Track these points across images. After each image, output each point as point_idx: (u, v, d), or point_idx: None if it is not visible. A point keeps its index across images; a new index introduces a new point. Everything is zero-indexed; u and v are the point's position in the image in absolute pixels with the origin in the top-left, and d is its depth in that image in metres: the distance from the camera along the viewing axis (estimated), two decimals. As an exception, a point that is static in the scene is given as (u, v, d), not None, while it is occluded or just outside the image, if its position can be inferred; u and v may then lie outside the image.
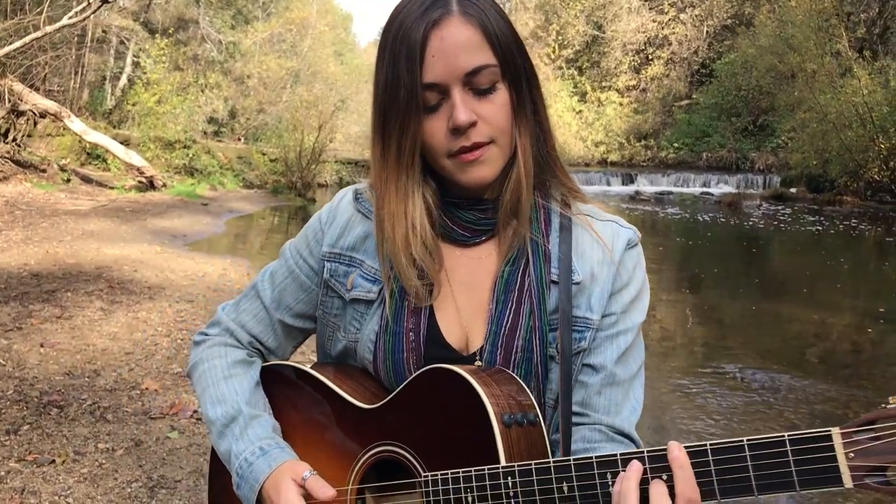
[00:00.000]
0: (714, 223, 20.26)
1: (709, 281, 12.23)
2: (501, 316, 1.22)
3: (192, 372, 1.41)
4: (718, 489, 0.94)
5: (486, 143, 1.16)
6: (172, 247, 11.59)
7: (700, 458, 0.96)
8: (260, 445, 1.24)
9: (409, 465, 1.17)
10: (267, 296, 1.40)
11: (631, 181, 31.05)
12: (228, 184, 22.95)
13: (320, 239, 1.35)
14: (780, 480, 0.91)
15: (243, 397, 1.31)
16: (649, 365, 5.33)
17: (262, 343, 1.42)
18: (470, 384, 1.11)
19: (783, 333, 8.67)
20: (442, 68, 1.12)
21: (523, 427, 1.11)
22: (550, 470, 1.04)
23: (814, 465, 0.89)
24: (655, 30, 39.27)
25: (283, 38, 39.28)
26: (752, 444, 0.93)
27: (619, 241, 1.30)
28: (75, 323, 6.42)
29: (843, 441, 0.88)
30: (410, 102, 1.14)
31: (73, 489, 3.69)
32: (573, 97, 41.54)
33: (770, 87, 31.05)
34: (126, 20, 31.65)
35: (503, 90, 1.17)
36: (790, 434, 0.91)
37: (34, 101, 17.62)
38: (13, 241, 10.31)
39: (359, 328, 1.30)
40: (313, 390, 1.32)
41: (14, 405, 4.64)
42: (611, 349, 1.26)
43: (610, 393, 1.26)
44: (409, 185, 1.20)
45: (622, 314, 1.28)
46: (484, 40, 1.14)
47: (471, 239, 1.27)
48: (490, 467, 1.08)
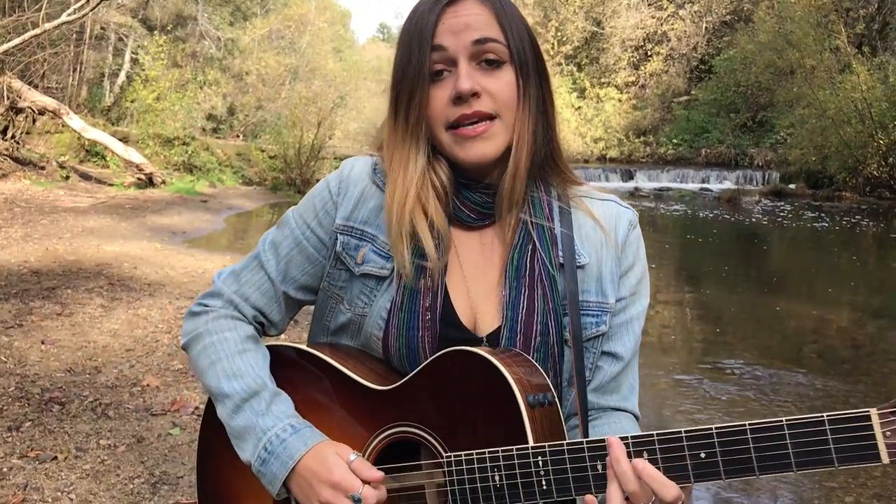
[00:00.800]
0: (713, 219, 20.26)
1: (708, 277, 12.24)
2: (517, 302, 1.24)
3: (191, 343, 1.35)
4: (757, 466, 1.00)
5: (488, 118, 1.19)
6: (172, 244, 11.60)
7: (741, 435, 1.00)
8: (290, 423, 1.23)
9: (430, 445, 1.17)
10: (272, 267, 1.36)
11: (630, 177, 31.02)
12: (227, 181, 22.93)
13: (331, 210, 1.34)
14: (819, 458, 0.97)
15: (264, 372, 1.29)
16: (649, 361, 5.38)
17: (266, 316, 1.39)
18: (495, 366, 1.12)
19: (782, 329, 8.69)
20: (451, 37, 1.18)
21: (545, 408, 1.13)
22: (584, 449, 1.07)
23: (852, 442, 0.96)
24: (654, 26, 39.24)
25: (281, 34, 39.24)
26: (791, 423, 0.98)
27: (621, 221, 1.33)
28: (76, 320, 6.44)
29: (881, 420, 0.95)
30: (418, 71, 1.18)
31: (76, 485, 3.70)
32: (572, 93, 41.50)
33: (769, 83, 31.02)
34: (124, 17, 31.61)
35: (510, 71, 1.21)
36: (829, 414, 0.97)
37: (33, 98, 17.60)
38: (13, 239, 10.32)
39: (367, 303, 1.29)
40: (318, 371, 1.30)
41: (15, 402, 4.65)
42: (628, 337, 1.31)
43: (619, 377, 1.31)
44: (411, 153, 1.22)
45: (631, 297, 1.31)
46: (494, 21, 1.21)
47: (476, 221, 1.29)
48: (519, 448, 1.09)
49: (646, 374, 6.64)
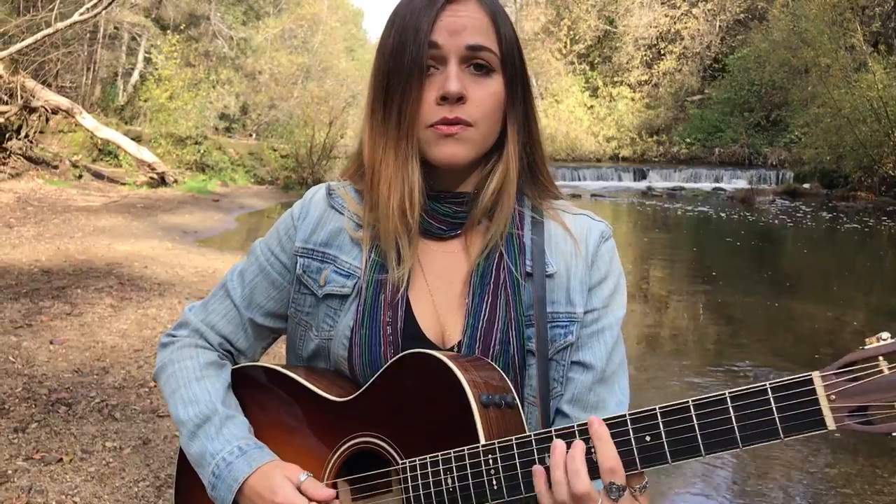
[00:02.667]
0: (726, 219, 20.13)
1: (721, 277, 12.14)
2: (478, 309, 1.21)
3: (159, 374, 1.37)
4: (703, 444, 0.95)
5: (467, 125, 1.17)
6: (183, 243, 11.61)
7: (683, 413, 0.96)
8: (238, 445, 1.21)
9: (386, 454, 1.15)
10: (237, 294, 1.36)
11: (643, 177, 30.89)
12: (240, 180, 22.98)
13: (292, 235, 1.33)
14: (764, 430, 0.92)
15: (217, 397, 1.28)
16: (661, 363, 5.32)
17: (233, 344, 1.39)
18: (446, 366, 1.09)
19: (796, 331, 8.60)
20: (448, 36, 1.16)
21: (501, 409, 1.10)
22: (531, 442, 1.04)
23: (796, 410, 0.91)
24: (668, 24, 39.06)
25: (294, 33, 39.31)
26: (735, 395, 0.94)
27: (592, 234, 1.30)
28: (85, 320, 6.43)
29: (825, 384, 0.90)
30: (415, 65, 1.15)
31: (80, 488, 3.67)
32: (585, 92, 41.40)
33: (783, 82, 30.80)
34: (138, 16, 31.72)
35: (498, 81, 1.20)
36: (771, 382, 0.92)
37: (46, 97, 17.67)
38: (25, 238, 10.35)
39: (332, 325, 1.27)
40: (283, 389, 1.29)
41: (22, 403, 4.64)
42: (599, 346, 1.26)
43: (598, 390, 1.25)
44: (409, 151, 1.19)
45: (604, 309, 1.27)
46: (492, 29, 1.19)
47: (446, 232, 1.27)
48: (469, 447, 1.06)
49: (657, 375, 6.57)
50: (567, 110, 39.90)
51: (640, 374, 6.66)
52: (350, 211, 1.30)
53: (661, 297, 10.50)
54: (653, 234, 17.84)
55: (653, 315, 9.33)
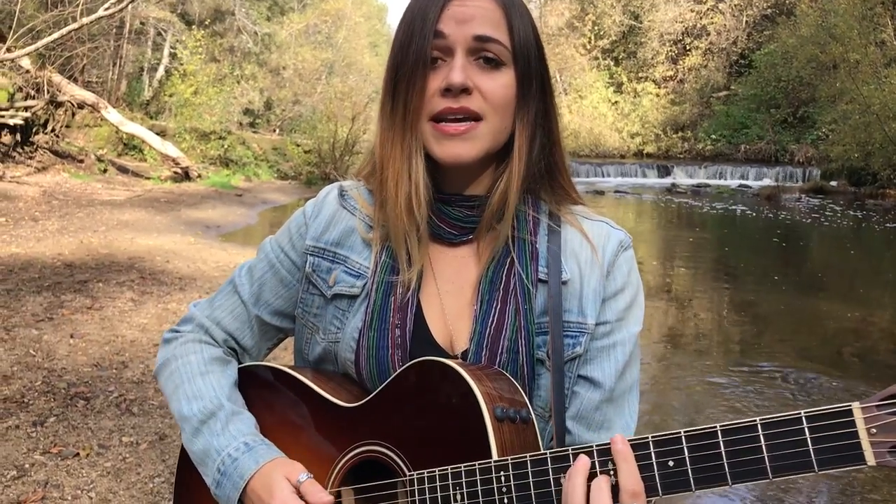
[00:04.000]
0: (751, 216, 19.91)
1: (745, 276, 12.00)
2: (486, 315, 1.17)
3: (161, 370, 1.33)
4: (730, 473, 0.90)
5: (474, 118, 1.12)
6: (206, 238, 11.66)
7: (710, 439, 0.91)
8: (244, 441, 1.18)
9: (393, 464, 1.10)
10: (245, 291, 1.33)
11: (667, 173, 30.68)
12: (263, 175, 23.08)
13: (304, 232, 1.30)
14: (797, 461, 0.86)
15: (223, 392, 1.25)
16: (683, 362, 5.21)
17: (238, 341, 1.35)
18: (460, 375, 1.05)
19: (821, 331, 8.47)
20: (455, 25, 1.12)
21: (516, 424, 1.05)
22: (547, 461, 0.99)
23: (833, 442, 0.85)
24: (693, 20, 38.68)
25: (318, 29, 39.40)
26: (767, 423, 0.89)
27: (610, 242, 1.24)
28: (105, 314, 6.45)
29: (865, 416, 0.84)
30: (419, 56, 1.12)
31: (96, 483, 3.67)
32: (609, 88, 41.15)
33: (811, 78, 30.42)
34: (163, 12, 31.94)
35: (509, 75, 1.15)
36: (807, 411, 0.86)
37: (72, 92, 17.83)
38: (49, 231, 10.43)
39: (340, 327, 1.23)
40: (290, 391, 1.25)
41: (42, 396, 4.66)
42: (608, 363, 1.20)
43: (606, 409, 1.20)
44: (413, 144, 1.15)
45: (617, 322, 1.21)
46: (504, 21, 1.14)
47: (457, 237, 1.22)
48: (481, 462, 1.02)
49: (679, 376, 6.49)
50: (591, 106, 39.67)
51: (661, 373, 6.59)
52: (362, 212, 1.27)
53: (684, 295, 10.39)
54: (676, 232, 17.68)
55: (676, 313, 9.23)
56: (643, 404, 5.74)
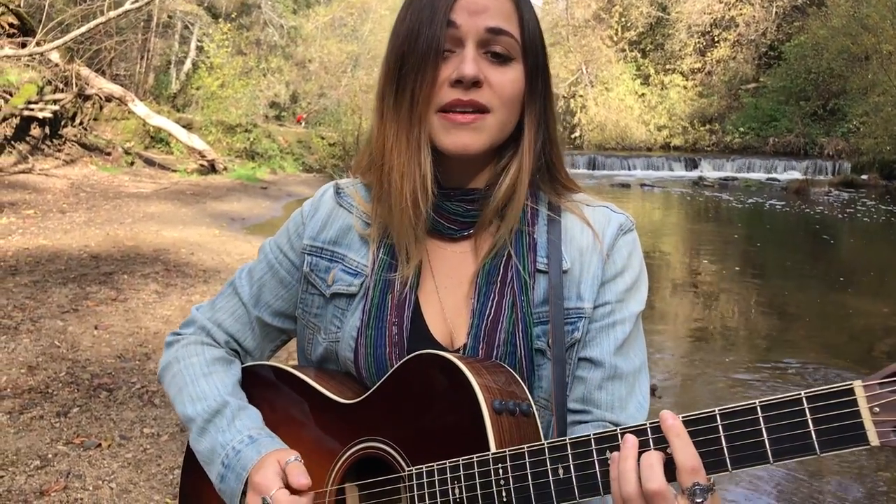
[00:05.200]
0: (780, 210, 19.67)
1: (773, 270, 11.84)
2: (483, 309, 1.15)
3: (164, 373, 1.34)
4: (730, 458, 0.87)
5: (482, 110, 1.11)
6: (230, 230, 11.72)
7: (708, 423, 0.88)
8: (249, 434, 1.18)
9: (392, 460, 1.09)
10: (245, 292, 1.34)
11: (694, 166, 30.37)
12: (288, 167, 23.16)
13: (301, 232, 1.30)
14: (798, 444, 0.84)
15: (226, 390, 1.25)
16: (707, 358, 5.14)
17: (240, 343, 1.35)
18: (458, 368, 1.03)
19: (850, 327, 8.33)
20: (467, 16, 1.10)
21: (515, 416, 1.03)
22: (544, 451, 0.97)
23: (835, 423, 0.82)
24: (722, 11, 38.22)
25: (344, 22, 39.46)
26: (766, 405, 0.86)
27: (610, 226, 1.22)
28: (130, 305, 6.50)
29: (867, 395, 0.81)
30: (430, 46, 1.09)
31: (117, 474, 3.70)
32: (636, 80, 40.80)
33: (842, 70, 29.93)
34: (190, 5, 32.15)
35: (518, 69, 1.13)
36: (808, 391, 0.84)
37: (100, 85, 17.98)
38: (76, 223, 10.54)
39: (340, 327, 1.22)
40: (292, 389, 1.25)
41: (66, 387, 4.70)
42: (607, 340, 1.18)
43: (613, 387, 1.17)
44: (421, 137, 1.12)
45: (617, 303, 1.19)
46: (514, 14, 1.14)
47: (457, 232, 1.21)
48: (479, 455, 1.00)
49: (703, 372, 6.41)
50: (617, 98, 39.38)
51: (686, 369, 6.52)
52: (358, 209, 1.26)
53: (710, 290, 10.28)
54: (703, 226, 17.51)
55: (702, 308, 9.14)
56: (667, 398, 5.70)
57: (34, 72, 16.20)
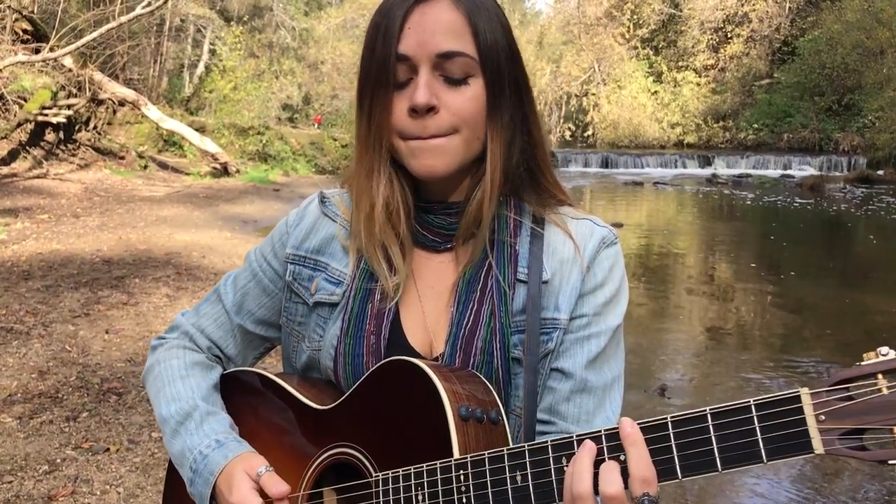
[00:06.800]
0: (794, 207, 19.54)
1: (787, 268, 11.76)
2: (462, 317, 1.16)
3: (147, 376, 1.36)
4: (680, 466, 0.87)
5: (445, 135, 1.10)
6: (243, 233, 11.75)
7: (660, 432, 0.88)
8: (216, 438, 1.19)
9: (361, 465, 1.10)
10: (228, 300, 1.35)
11: (708, 163, 30.25)
12: (301, 169, 23.23)
13: (285, 241, 1.30)
14: (746, 451, 0.84)
15: (199, 394, 1.26)
16: (719, 356, 5.09)
17: (222, 349, 1.37)
18: (425, 373, 1.04)
19: (866, 325, 8.25)
20: (415, 43, 1.08)
21: (482, 424, 1.03)
22: (504, 458, 0.97)
23: (781, 430, 0.82)
24: (735, 7, 38.02)
25: (355, 23, 39.53)
26: (716, 412, 0.86)
27: (592, 238, 1.21)
28: (140, 309, 6.53)
29: (814, 402, 0.82)
30: (381, 75, 1.09)
31: (125, 478, 3.71)
32: (648, 77, 40.66)
33: (856, 65, 29.72)
34: (203, 8, 32.35)
35: (478, 86, 1.11)
36: (756, 399, 0.84)
37: (113, 89, 18.10)
38: (89, 228, 10.60)
39: (322, 335, 1.23)
40: (271, 395, 1.26)
41: (76, 391, 4.72)
42: (580, 353, 1.17)
43: (580, 400, 1.16)
44: (382, 162, 1.14)
45: (594, 316, 1.18)
46: (467, 29, 1.10)
47: (441, 244, 1.21)
48: (442, 461, 1.01)
49: (714, 371, 6.37)
50: (630, 96, 39.25)
51: (698, 368, 6.48)
52: (343, 218, 1.27)
53: (725, 288, 10.22)
54: (717, 223, 17.41)
55: (715, 306, 9.09)
56: (677, 398, 5.66)
57: (48, 77, 16.33)
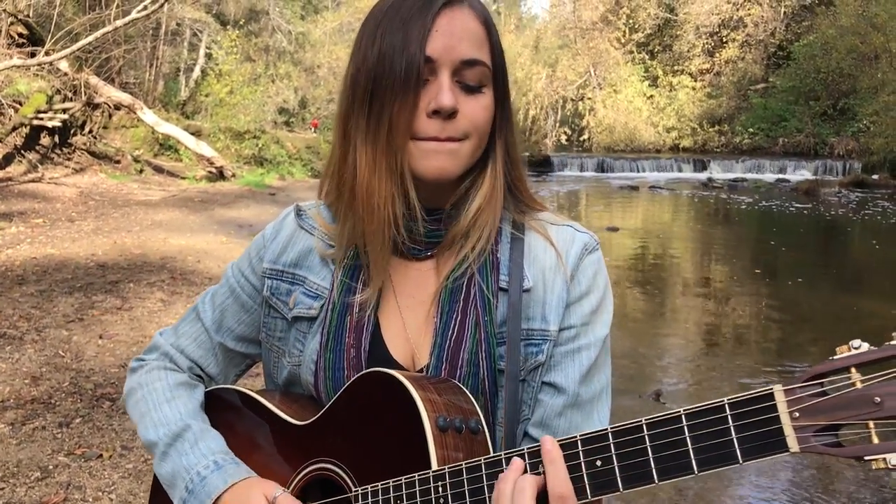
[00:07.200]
0: (790, 211, 19.57)
1: (783, 272, 11.77)
2: (446, 329, 1.13)
3: (127, 399, 1.32)
4: (655, 469, 0.86)
5: (459, 139, 1.09)
6: (238, 237, 11.73)
7: (636, 434, 0.88)
8: (214, 459, 1.16)
9: (341, 481, 1.09)
10: (207, 317, 1.32)
11: (703, 168, 30.29)
12: (297, 173, 23.20)
13: (262, 255, 1.28)
14: (721, 452, 0.82)
15: (188, 414, 1.24)
16: (713, 362, 5.10)
17: (203, 369, 1.34)
18: (401, 384, 1.02)
19: (861, 329, 8.25)
20: (442, 46, 1.07)
21: (461, 434, 1.02)
22: (481, 468, 0.97)
23: (756, 429, 0.81)
24: (730, 11, 38.11)
25: (352, 27, 39.54)
26: (690, 412, 0.85)
27: (574, 245, 1.20)
28: (135, 314, 6.51)
29: (787, 399, 0.80)
30: (409, 73, 1.05)
31: (117, 485, 3.69)
32: (644, 82, 40.71)
33: (851, 69, 29.80)
34: (199, 12, 32.32)
35: (489, 96, 1.12)
36: (730, 398, 0.83)
37: (109, 93, 18.07)
38: (84, 232, 10.57)
39: (301, 350, 1.21)
40: (250, 412, 1.25)
41: (69, 397, 4.70)
42: (573, 367, 1.15)
43: (572, 415, 1.15)
44: (403, 164, 1.09)
45: (583, 327, 1.17)
46: (486, 40, 1.12)
47: (422, 252, 1.19)
48: (420, 473, 1.00)
49: (709, 376, 6.37)
50: (626, 100, 39.30)
51: (694, 373, 6.48)
52: (320, 230, 1.24)
53: (720, 292, 10.22)
54: (713, 227, 17.44)
55: (712, 311, 9.09)
56: (671, 403, 5.65)
57: (43, 81, 16.29)
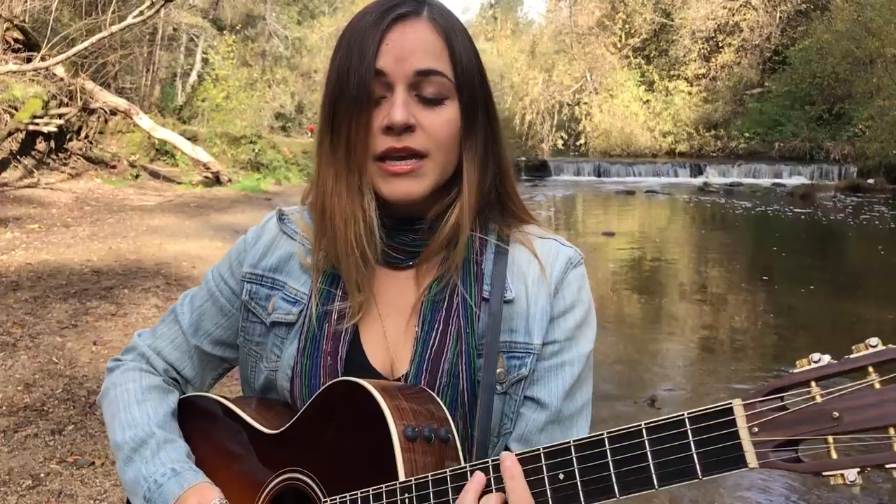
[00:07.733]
0: (786, 215, 19.58)
1: (780, 277, 11.77)
2: (427, 338, 1.13)
3: (102, 399, 1.32)
4: (617, 485, 0.85)
5: (418, 156, 1.08)
6: (233, 242, 11.67)
7: (598, 447, 0.87)
8: (172, 467, 1.16)
9: (311, 491, 1.08)
10: (185, 320, 1.32)
11: (700, 172, 30.30)
12: (293, 178, 23.17)
13: (242, 259, 1.28)
14: (681, 467, 0.82)
15: (155, 421, 1.23)
16: (709, 368, 5.09)
17: (179, 372, 1.33)
18: (369, 393, 1.01)
19: (858, 334, 8.15)
20: (393, 60, 1.06)
21: (431, 443, 1.01)
22: (447, 480, 0.96)
23: (715, 444, 0.80)
24: (726, 16, 38.17)
25: (348, 32, 39.81)
26: (652, 426, 0.84)
27: (558, 259, 1.19)
28: (129, 321, 6.49)
29: (746, 413, 0.79)
30: (361, 91, 1.06)
31: (109, 493, 3.67)
32: (640, 86, 40.73)
33: (847, 74, 29.83)
34: (195, 17, 32.34)
35: (453, 108, 1.10)
36: (690, 412, 0.82)
37: (105, 98, 18.04)
38: (79, 238, 10.54)
39: (279, 355, 1.20)
40: (224, 420, 1.24)
41: (62, 404, 4.68)
42: (556, 382, 1.15)
43: (552, 431, 1.15)
44: (362, 183, 1.10)
45: (567, 342, 1.16)
46: (445, 50, 1.10)
47: (404, 261, 1.19)
48: (388, 485, 0.99)
49: (705, 381, 6.36)
50: (622, 105, 39.33)
51: (689, 379, 6.48)
52: (302, 236, 1.24)
53: (717, 297, 10.22)
54: (709, 232, 17.45)
55: (708, 316, 9.08)
56: (666, 409, 5.64)
57: (39, 86, 16.26)
